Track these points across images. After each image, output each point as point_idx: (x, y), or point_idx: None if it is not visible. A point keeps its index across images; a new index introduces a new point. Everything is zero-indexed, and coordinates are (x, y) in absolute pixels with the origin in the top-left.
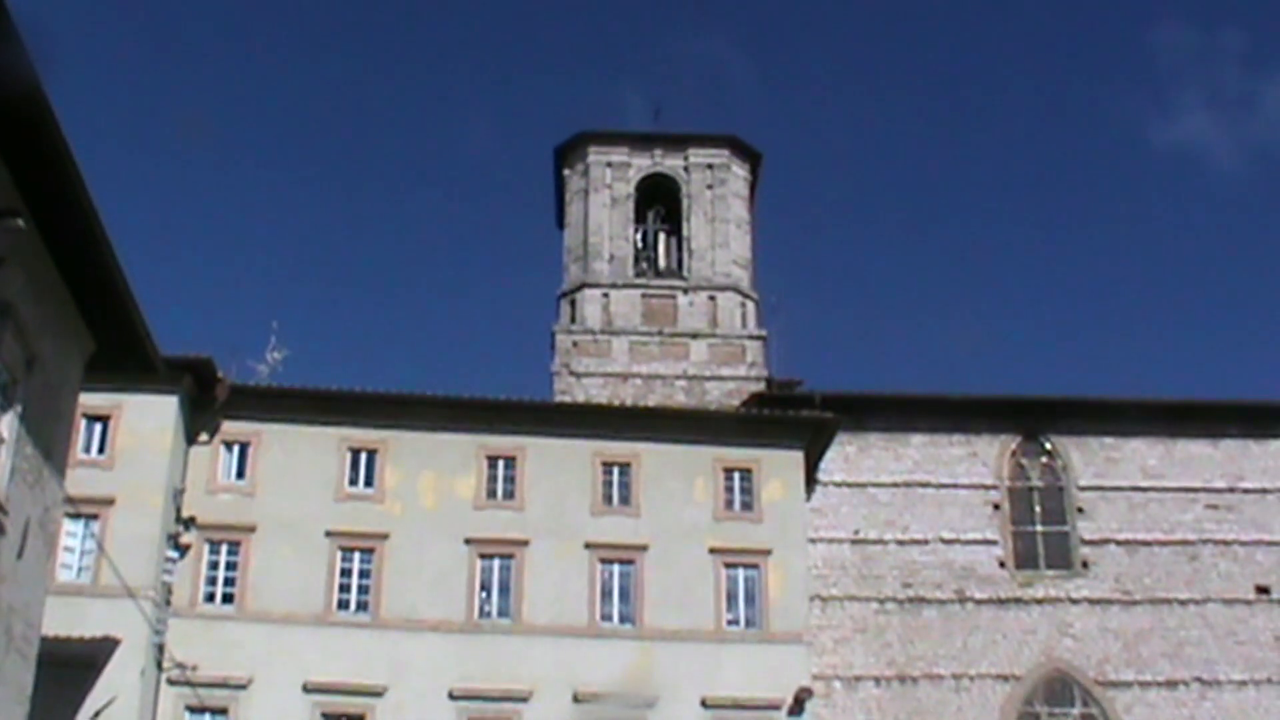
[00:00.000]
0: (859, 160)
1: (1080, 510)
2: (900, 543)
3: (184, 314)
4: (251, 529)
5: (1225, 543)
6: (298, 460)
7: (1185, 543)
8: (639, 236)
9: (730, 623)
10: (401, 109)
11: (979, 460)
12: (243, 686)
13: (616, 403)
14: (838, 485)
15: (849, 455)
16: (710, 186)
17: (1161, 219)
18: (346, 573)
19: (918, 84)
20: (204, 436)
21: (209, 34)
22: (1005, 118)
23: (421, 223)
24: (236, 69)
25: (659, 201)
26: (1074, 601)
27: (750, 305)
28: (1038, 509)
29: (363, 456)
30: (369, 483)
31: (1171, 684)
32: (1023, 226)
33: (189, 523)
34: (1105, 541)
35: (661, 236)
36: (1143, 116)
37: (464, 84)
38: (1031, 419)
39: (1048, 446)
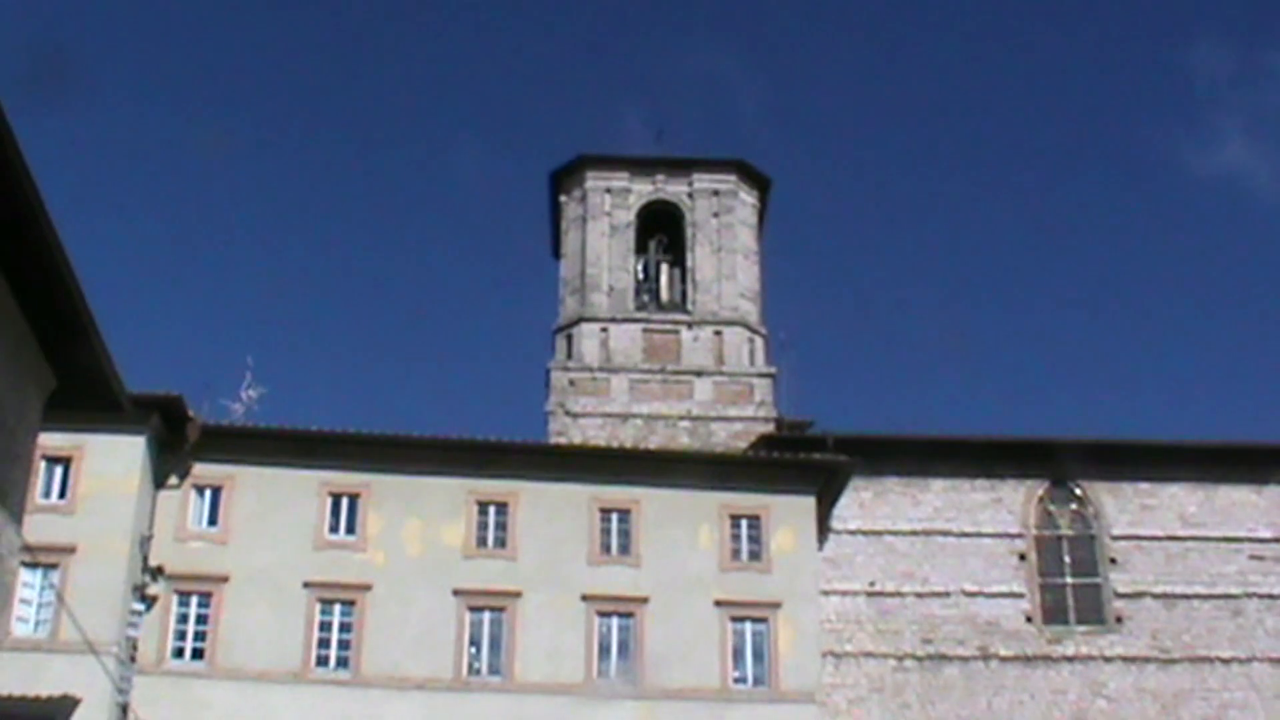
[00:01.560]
0: (875, 186)
1: (1113, 561)
2: (919, 595)
3: (153, 348)
4: (224, 579)
5: (1272, 597)
6: (274, 506)
7: (1228, 596)
8: (640, 267)
9: (737, 680)
10: (387, 130)
11: (1004, 507)
12: None
13: (615, 444)
14: (852, 533)
15: (864, 501)
16: (716, 214)
17: (1200, 251)
18: (326, 626)
19: (940, 107)
20: (173, 480)
21: (186, 49)
22: (1034, 142)
23: (408, 252)
24: (211, 84)
25: (661, 230)
26: (1107, 659)
27: (758, 341)
28: (1067, 559)
29: (344, 502)
30: (350, 530)
31: None
32: (1052, 259)
33: (156, 573)
34: (1141, 595)
35: (664, 267)
36: (1180, 143)
37: (454, 104)
38: (1060, 463)
39: (1078, 492)
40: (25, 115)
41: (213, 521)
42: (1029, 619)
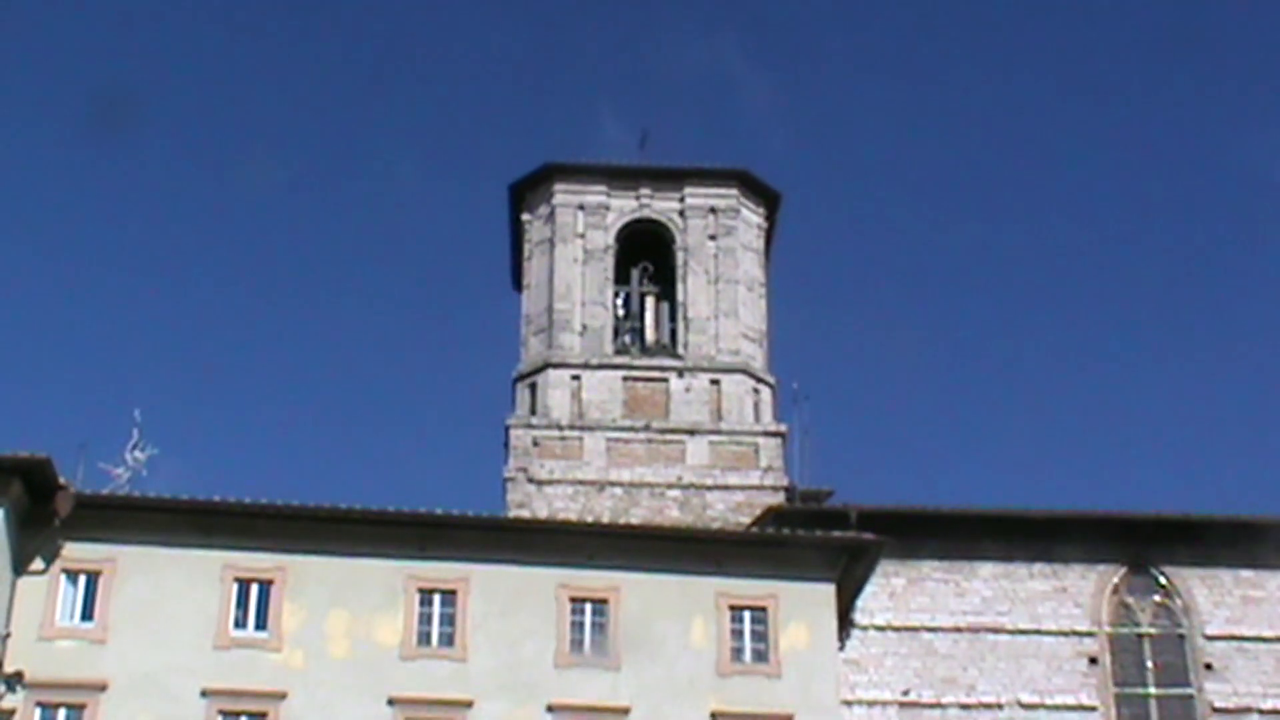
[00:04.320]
0: (909, 204)
1: (1208, 667)
2: (965, 707)
3: (13, 400)
4: (100, 687)
5: None
6: (165, 595)
7: None
8: (620, 301)
9: None
10: (308, 136)
11: (1069, 598)
12: None
13: (589, 519)
14: (881, 629)
15: (896, 590)
16: (713, 236)
17: None
18: None
19: (993, 108)
20: (38, 563)
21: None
22: (1108, 151)
23: (335, 285)
24: (92, 93)
25: (646, 256)
26: None
27: (765, 392)
28: (1150, 665)
29: (253, 589)
30: (260, 624)
31: None
32: (1131, 296)
33: (14, 680)
34: (1245, 710)
35: (649, 301)
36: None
37: (391, 99)
38: (1140, 543)
39: (1162, 581)
40: None
41: (88, 615)
42: None
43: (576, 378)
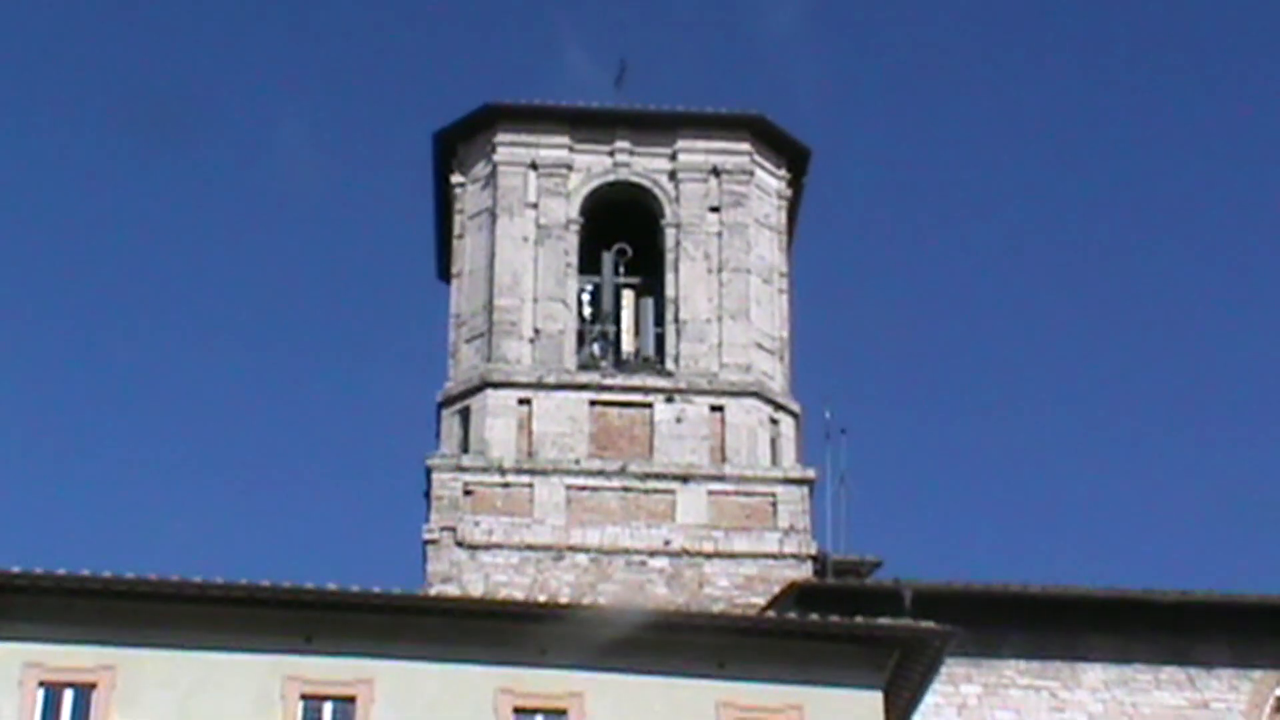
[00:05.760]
0: (988, 165)
1: None
2: None
3: None
4: None
5: None
6: None
7: None
8: (587, 297)
9: None
10: (174, 86)
11: (1212, 716)
12: None
13: (542, 598)
14: None
15: (968, 700)
16: (716, 208)
17: None
18: None
19: (1087, 30)
20: None
21: None
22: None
23: (193, 277)
24: None
25: (623, 234)
26: None
27: (786, 424)
28: None
29: (66, 697)
30: None
31: None
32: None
33: None
34: None
35: (627, 297)
36: None
37: (271, 21)
38: None
39: None
40: None
41: None
42: None
43: (526, 402)
